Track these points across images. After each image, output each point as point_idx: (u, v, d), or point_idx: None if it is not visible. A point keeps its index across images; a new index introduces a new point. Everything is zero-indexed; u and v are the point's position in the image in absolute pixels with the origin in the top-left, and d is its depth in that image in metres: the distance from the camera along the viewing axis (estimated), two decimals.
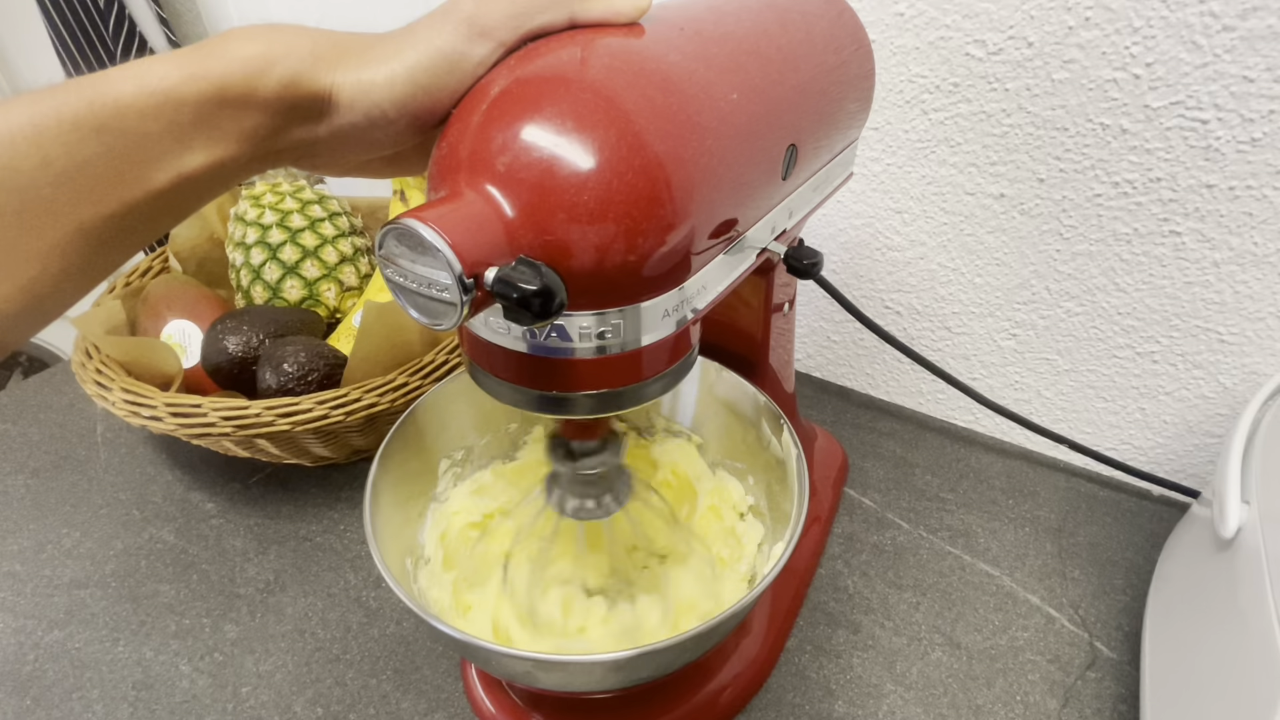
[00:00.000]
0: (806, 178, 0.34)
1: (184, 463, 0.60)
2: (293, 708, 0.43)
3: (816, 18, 0.34)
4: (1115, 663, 0.44)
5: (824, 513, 0.53)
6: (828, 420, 0.64)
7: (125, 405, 0.50)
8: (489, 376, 0.27)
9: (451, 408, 0.43)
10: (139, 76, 0.22)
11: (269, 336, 0.56)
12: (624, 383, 0.26)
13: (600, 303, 0.24)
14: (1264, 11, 0.39)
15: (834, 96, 0.34)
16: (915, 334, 0.62)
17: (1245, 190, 0.44)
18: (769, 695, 0.43)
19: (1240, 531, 0.35)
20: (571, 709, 0.41)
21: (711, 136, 0.25)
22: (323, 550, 0.53)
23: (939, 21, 0.48)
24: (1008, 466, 0.59)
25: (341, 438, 0.54)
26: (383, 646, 0.46)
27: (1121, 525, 0.54)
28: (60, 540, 0.54)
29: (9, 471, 0.60)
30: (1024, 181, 0.50)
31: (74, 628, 0.48)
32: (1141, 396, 0.54)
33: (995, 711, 0.42)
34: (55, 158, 0.21)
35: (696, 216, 0.24)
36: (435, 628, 0.29)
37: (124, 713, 0.43)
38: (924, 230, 0.56)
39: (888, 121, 0.53)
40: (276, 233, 0.62)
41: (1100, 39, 0.43)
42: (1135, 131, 0.45)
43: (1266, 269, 0.45)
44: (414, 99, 0.25)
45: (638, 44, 0.25)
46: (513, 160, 0.22)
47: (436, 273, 0.21)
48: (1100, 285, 0.51)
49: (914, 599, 0.49)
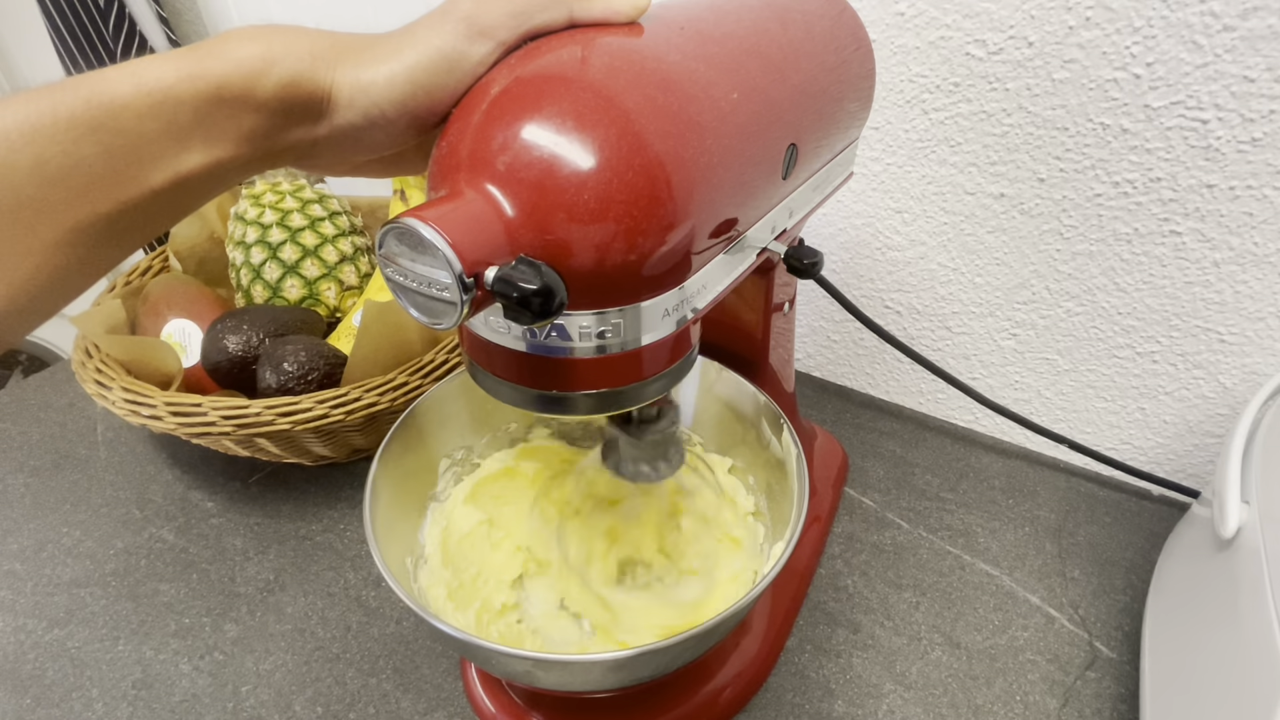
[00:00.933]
0: (807, 177, 0.34)
1: (184, 462, 0.60)
2: (293, 706, 0.43)
3: (817, 17, 0.34)
4: (1115, 663, 0.44)
5: (824, 512, 0.53)
6: (828, 420, 0.64)
7: (125, 404, 0.50)
8: (489, 376, 0.27)
9: (451, 407, 0.43)
10: (136, 76, 0.22)
11: (269, 336, 0.56)
12: (624, 382, 0.26)
13: (600, 302, 0.24)
14: (1264, 11, 0.39)
15: (834, 96, 0.34)
16: (915, 334, 0.62)
17: (1246, 190, 0.43)
18: (769, 695, 0.43)
19: (1240, 531, 0.35)
20: (571, 708, 0.41)
21: (712, 136, 0.25)
22: (323, 549, 0.53)
23: (939, 21, 0.48)
24: (1008, 466, 0.59)
25: (341, 437, 0.54)
26: (383, 645, 0.46)
27: (1121, 525, 0.54)
28: (60, 539, 0.54)
29: (9, 470, 0.60)
30: (1024, 181, 0.50)
31: (74, 627, 0.48)
32: (1141, 396, 0.54)
33: (995, 711, 0.42)
34: (51, 157, 0.21)
35: (697, 216, 0.24)
36: (435, 627, 0.29)
37: (124, 712, 0.43)
38: (924, 230, 0.56)
39: (888, 121, 0.53)
40: (277, 232, 0.62)
41: (1101, 39, 0.43)
42: (1136, 131, 0.45)
43: (1267, 269, 0.45)
44: (413, 99, 0.25)
45: (638, 43, 0.25)
46: (513, 159, 0.22)
47: (436, 272, 0.21)
48: (1100, 285, 0.51)
49: (914, 599, 0.49)
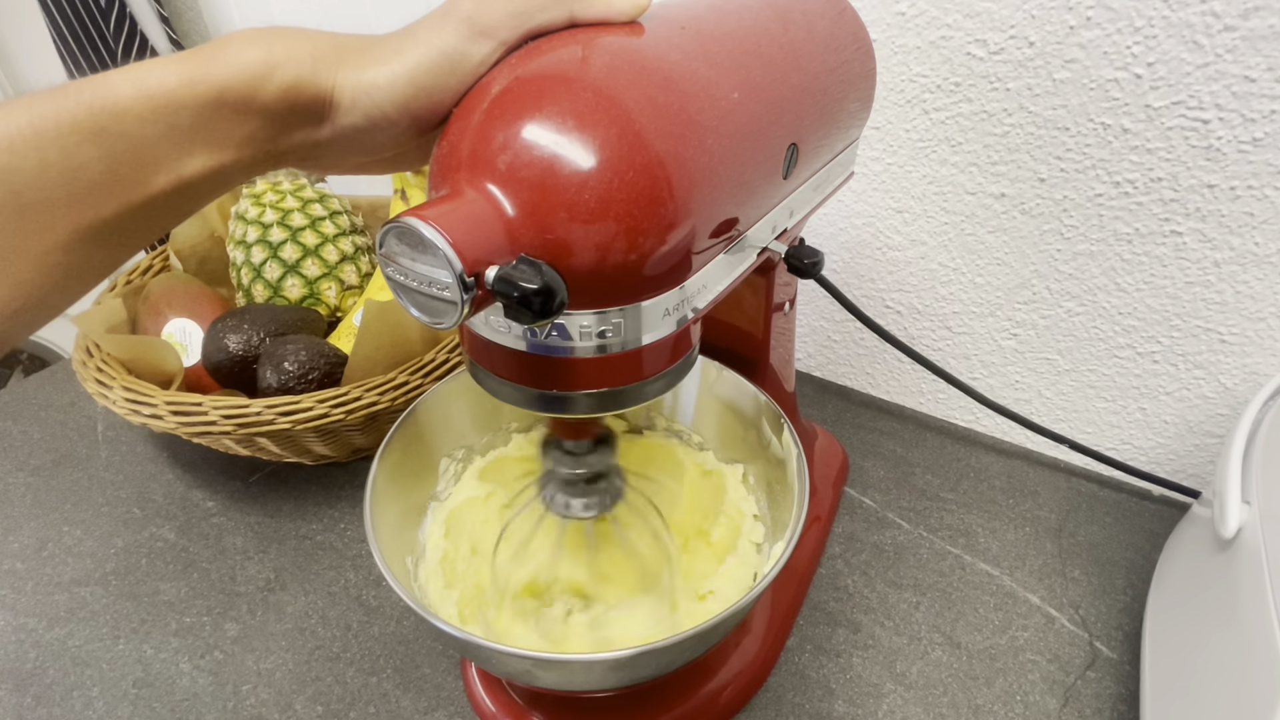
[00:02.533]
0: (807, 177, 0.34)
1: (184, 461, 0.60)
2: (293, 706, 0.43)
3: (818, 17, 0.34)
4: (1115, 663, 0.44)
5: (824, 512, 0.53)
6: (828, 420, 0.64)
7: (126, 403, 0.50)
8: (490, 375, 0.27)
9: (452, 406, 0.43)
10: (138, 80, 0.22)
11: (269, 335, 0.56)
12: (624, 382, 0.26)
13: (601, 301, 0.24)
14: (1265, 11, 0.39)
15: (835, 95, 0.34)
16: (916, 333, 0.62)
17: (1246, 190, 0.43)
18: (769, 694, 0.43)
19: (1240, 531, 0.35)
20: (571, 708, 0.41)
21: (713, 135, 0.25)
22: (323, 549, 0.53)
23: (940, 21, 0.47)
24: (1008, 466, 0.59)
25: (342, 436, 0.54)
26: (383, 645, 0.46)
27: (1122, 525, 0.54)
28: (61, 538, 0.54)
29: (10, 469, 0.60)
30: (1025, 181, 0.50)
31: (74, 625, 0.48)
32: (1142, 396, 0.54)
33: (995, 711, 0.42)
34: (53, 160, 0.21)
35: (697, 215, 0.24)
36: (435, 626, 0.29)
37: (124, 711, 0.43)
38: (925, 230, 0.56)
39: (889, 121, 0.53)
40: (277, 231, 0.62)
41: (1102, 38, 0.43)
42: (1136, 131, 0.45)
43: (1268, 269, 0.45)
44: (415, 100, 0.25)
45: (639, 42, 0.25)
46: (514, 159, 0.22)
47: (437, 271, 0.21)
48: (1101, 285, 0.51)
49: (914, 598, 0.49)
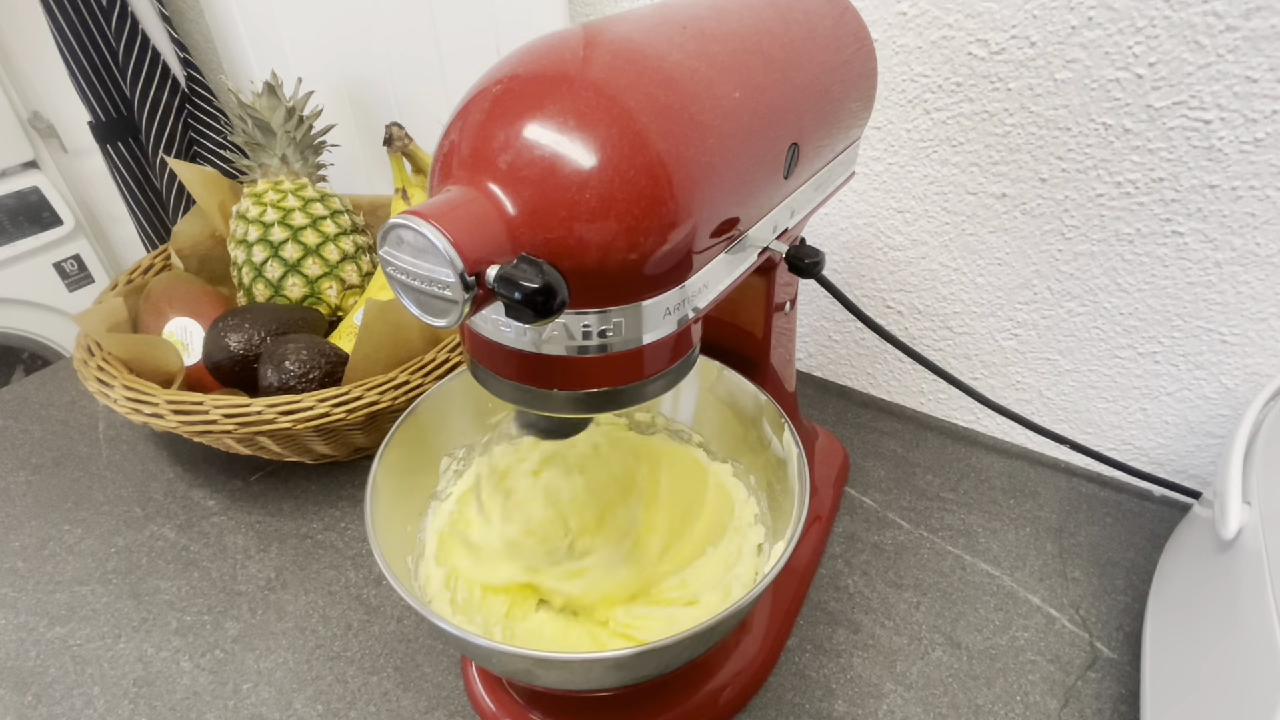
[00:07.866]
0: (808, 177, 0.34)
1: (185, 460, 0.60)
2: (293, 705, 0.43)
3: (819, 16, 0.34)
4: (1116, 663, 0.44)
5: (825, 512, 0.53)
6: (829, 420, 0.64)
7: (127, 402, 0.50)
8: (490, 374, 0.27)
9: (453, 406, 0.43)
10: None
11: (270, 334, 0.56)
12: (625, 381, 0.26)
13: (602, 301, 0.24)
14: (1267, 11, 0.39)
15: (836, 95, 0.34)
16: (917, 333, 0.62)
17: (1248, 190, 0.43)
18: (769, 694, 0.43)
19: (1241, 532, 0.35)
20: (571, 707, 0.41)
21: (713, 135, 0.25)
22: (324, 548, 0.53)
23: (941, 21, 0.47)
24: (1009, 466, 0.59)
25: (343, 435, 0.54)
26: (383, 644, 0.46)
27: (1122, 526, 0.54)
28: (62, 537, 0.54)
29: (11, 468, 0.60)
30: (1026, 181, 0.50)
31: (75, 624, 0.48)
32: (1143, 397, 0.54)
33: (995, 711, 0.42)
34: None
35: (698, 215, 0.24)
36: (436, 625, 0.29)
37: (125, 709, 0.43)
38: (926, 230, 0.56)
39: (890, 121, 0.53)
40: (278, 230, 0.62)
41: (1103, 39, 0.43)
42: (1138, 131, 0.45)
43: (1269, 269, 0.45)
44: None
45: (640, 42, 0.25)
46: (515, 158, 0.22)
47: (438, 270, 0.21)
48: (1102, 285, 0.51)
49: (914, 598, 0.49)
